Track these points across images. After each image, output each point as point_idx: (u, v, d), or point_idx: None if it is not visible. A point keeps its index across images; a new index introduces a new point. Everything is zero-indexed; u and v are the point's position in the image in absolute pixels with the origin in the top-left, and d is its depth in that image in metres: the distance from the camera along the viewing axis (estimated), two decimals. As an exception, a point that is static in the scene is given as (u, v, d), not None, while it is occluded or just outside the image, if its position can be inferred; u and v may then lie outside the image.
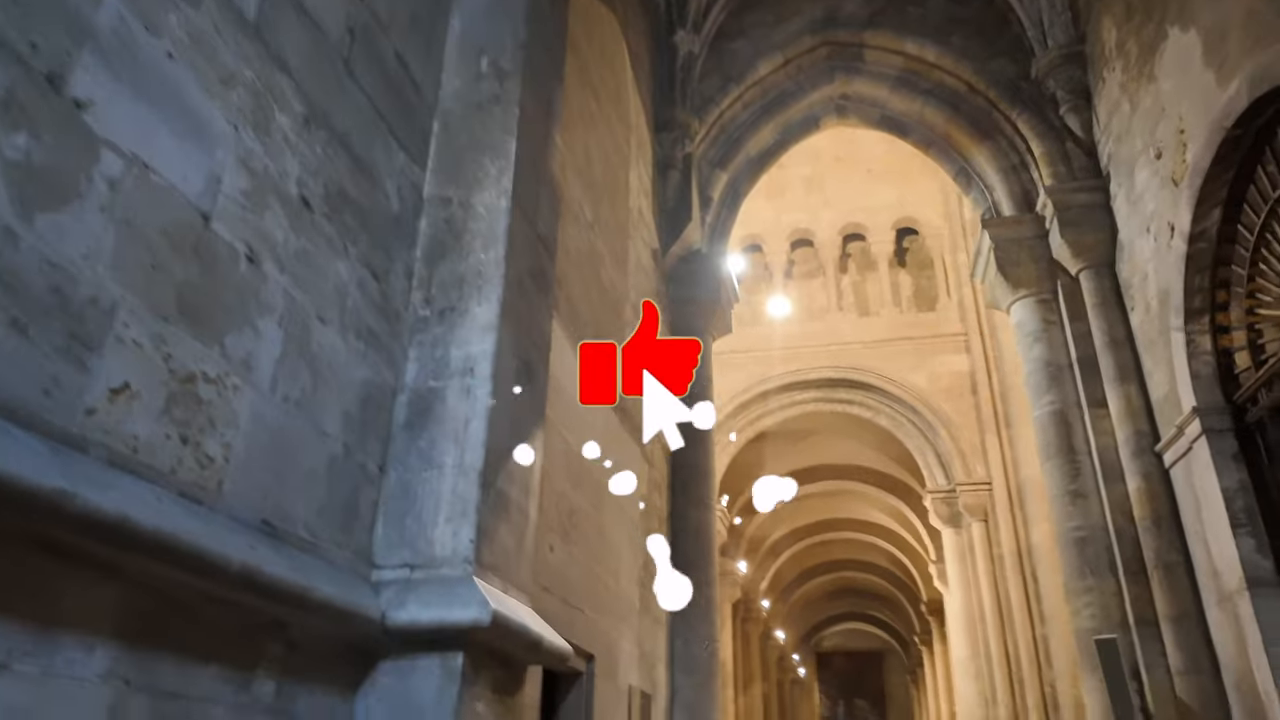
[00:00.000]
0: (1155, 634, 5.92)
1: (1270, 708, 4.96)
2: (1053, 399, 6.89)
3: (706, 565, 7.07)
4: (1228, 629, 5.41)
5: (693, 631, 6.73)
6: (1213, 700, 5.48)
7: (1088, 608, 6.29)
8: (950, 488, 14.24)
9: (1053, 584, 12.37)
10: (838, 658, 32.07)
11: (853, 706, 31.56)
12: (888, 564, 24.06)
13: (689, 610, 6.80)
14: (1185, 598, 5.77)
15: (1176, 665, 5.70)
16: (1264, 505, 5.26)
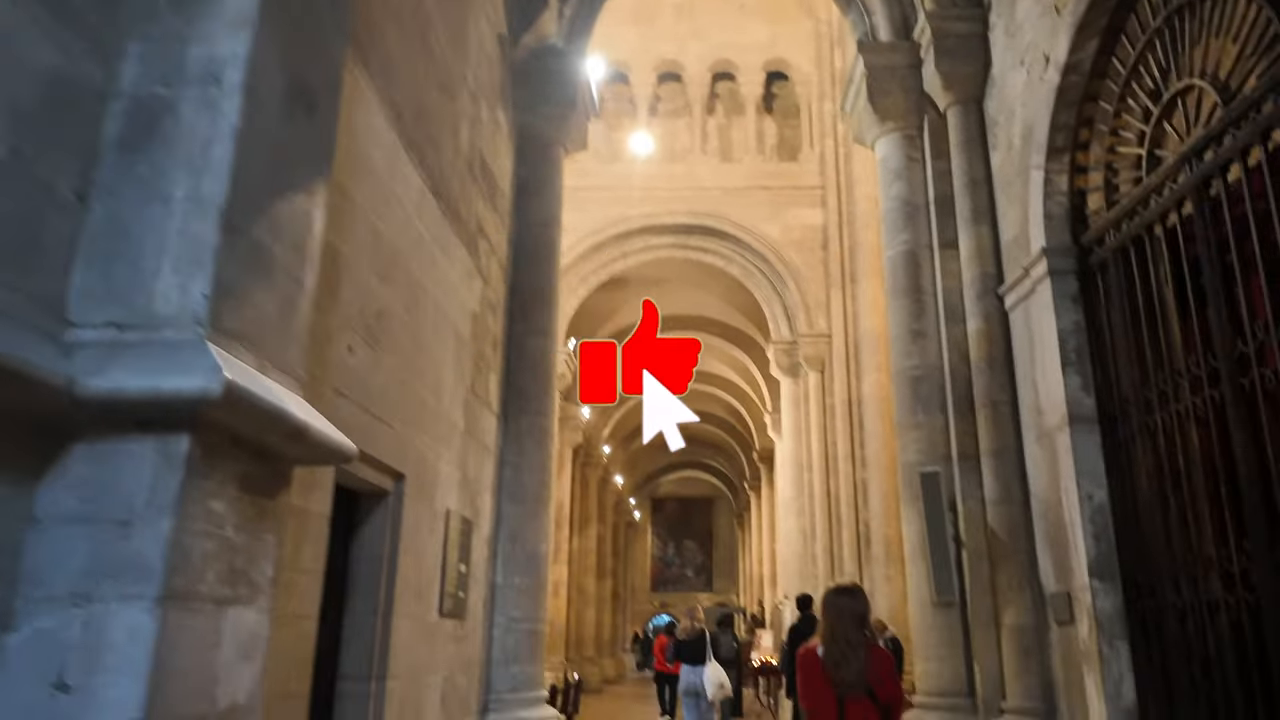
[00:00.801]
0: (975, 467, 6.07)
1: (1070, 532, 5.18)
2: (907, 238, 6.73)
3: (543, 395, 6.65)
4: (1043, 463, 5.58)
5: (524, 460, 6.36)
6: (1019, 528, 5.71)
7: (915, 443, 6.38)
8: (793, 339, 14.48)
9: (876, 431, 12.98)
10: (671, 503, 33.73)
11: (682, 547, 33.56)
12: (725, 414, 24.91)
13: (521, 439, 6.40)
14: (1007, 434, 5.91)
15: (991, 496, 5.89)
16: (1095, 345, 5.33)
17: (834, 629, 3.54)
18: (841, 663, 3.45)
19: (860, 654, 3.49)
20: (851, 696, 3.42)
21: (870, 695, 3.44)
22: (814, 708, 3.54)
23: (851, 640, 3.50)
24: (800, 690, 3.64)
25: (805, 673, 3.59)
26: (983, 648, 5.77)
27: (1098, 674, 4.86)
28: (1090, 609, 4.96)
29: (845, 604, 3.62)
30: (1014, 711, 5.46)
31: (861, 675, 3.45)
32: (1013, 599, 5.64)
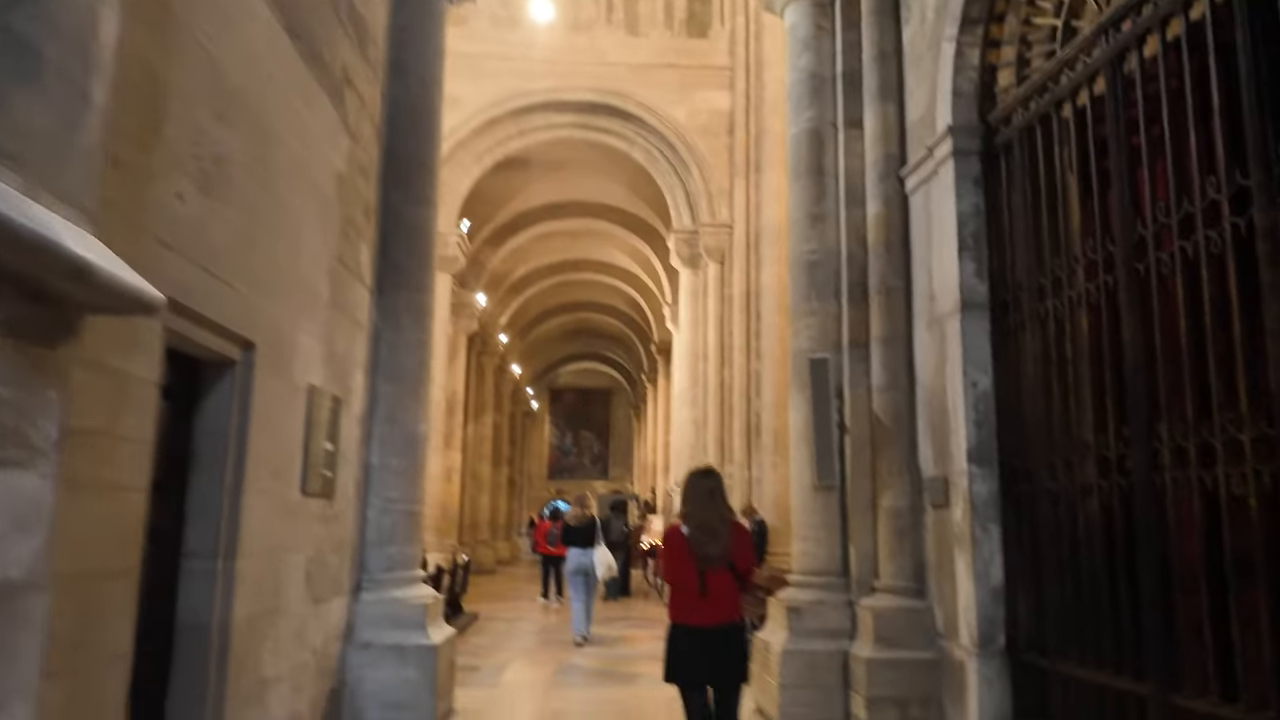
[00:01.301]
0: (864, 355, 6.03)
1: (953, 419, 5.21)
2: (811, 115, 6.43)
3: (422, 270, 6.18)
4: (932, 350, 5.56)
5: (401, 338, 5.94)
6: (903, 415, 5.73)
7: (808, 330, 6.28)
8: (694, 228, 14.23)
9: (773, 324, 13.02)
10: (570, 394, 33.80)
11: (580, 437, 33.86)
12: (625, 307, 24.77)
13: (398, 315, 5.97)
14: (899, 321, 5.85)
15: (878, 383, 5.87)
16: (993, 230, 5.24)
17: (699, 509, 3.77)
18: (707, 540, 3.68)
19: (725, 531, 3.75)
20: (713, 569, 3.67)
21: (730, 567, 3.72)
22: (677, 580, 3.75)
23: (716, 518, 3.73)
24: (664, 564, 3.80)
25: (670, 549, 3.79)
26: (859, 530, 5.87)
27: (969, 555, 4.98)
28: (966, 493, 5.04)
29: (707, 485, 3.86)
30: (885, 590, 5.60)
31: (725, 550, 3.71)
32: (892, 483, 5.71)
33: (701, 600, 3.69)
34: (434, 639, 5.49)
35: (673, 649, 3.80)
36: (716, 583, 3.70)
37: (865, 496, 5.87)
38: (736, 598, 3.81)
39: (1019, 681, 4.74)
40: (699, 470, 4.08)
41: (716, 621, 3.72)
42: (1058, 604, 4.50)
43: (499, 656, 9.07)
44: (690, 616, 3.74)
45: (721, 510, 3.82)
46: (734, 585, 3.77)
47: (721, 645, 3.73)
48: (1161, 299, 3.86)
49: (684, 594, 3.76)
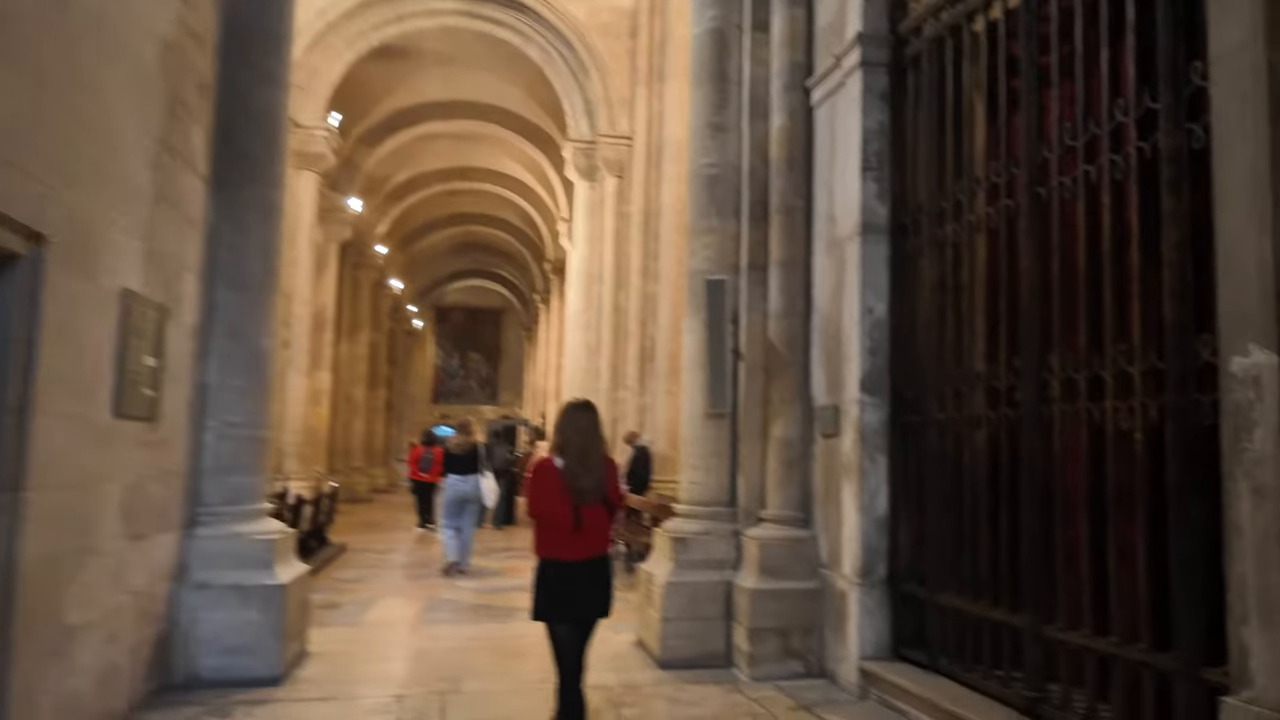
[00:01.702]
0: (762, 278, 5.73)
1: (847, 346, 5.00)
2: (715, 14, 5.94)
3: (272, 162, 5.43)
4: (829, 274, 5.30)
5: (246, 240, 5.22)
6: (798, 342, 5.51)
7: (705, 249, 5.92)
8: (592, 139, 13.56)
9: (671, 245, 12.63)
10: (458, 313, 32.65)
11: (467, 359, 32.92)
12: (519, 221, 23.84)
13: (242, 213, 5.25)
14: (799, 244, 5.56)
15: (775, 308, 5.60)
16: (897, 150, 4.97)
17: (575, 442, 3.63)
18: (582, 474, 3.57)
19: (599, 464, 3.63)
20: (587, 504, 3.58)
21: (604, 500, 3.64)
22: (547, 514, 3.61)
23: (592, 452, 3.62)
24: (533, 498, 3.69)
25: (541, 482, 3.64)
26: (749, 459, 5.67)
27: (856, 485, 4.84)
28: (857, 422, 4.87)
29: (584, 419, 3.70)
30: (772, 520, 5.45)
31: (600, 484, 3.60)
32: (783, 412, 5.50)
33: (575, 535, 3.58)
34: (281, 577, 5.00)
35: (543, 585, 3.67)
36: (590, 517, 3.61)
37: (757, 425, 5.65)
38: (607, 530, 3.73)
39: (899, 611, 4.68)
40: (576, 402, 3.91)
41: (587, 555, 3.63)
42: (940, 535, 4.42)
43: (365, 592, 8.63)
44: (562, 551, 3.62)
45: (597, 443, 3.69)
46: (606, 519, 3.69)
47: (591, 579, 3.65)
48: (1062, 226, 3.69)
49: (555, 529, 3.61)
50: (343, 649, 6.00)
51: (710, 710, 4.51)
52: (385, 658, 5.73)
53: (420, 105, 17.38)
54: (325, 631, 6.56)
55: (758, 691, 4.82)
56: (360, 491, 21.70)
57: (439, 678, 5.16)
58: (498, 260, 29.07)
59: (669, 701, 4.66)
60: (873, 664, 4.60)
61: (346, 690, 4.87)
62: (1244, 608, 2.30)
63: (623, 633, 6.59)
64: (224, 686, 4.71)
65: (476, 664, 5.50)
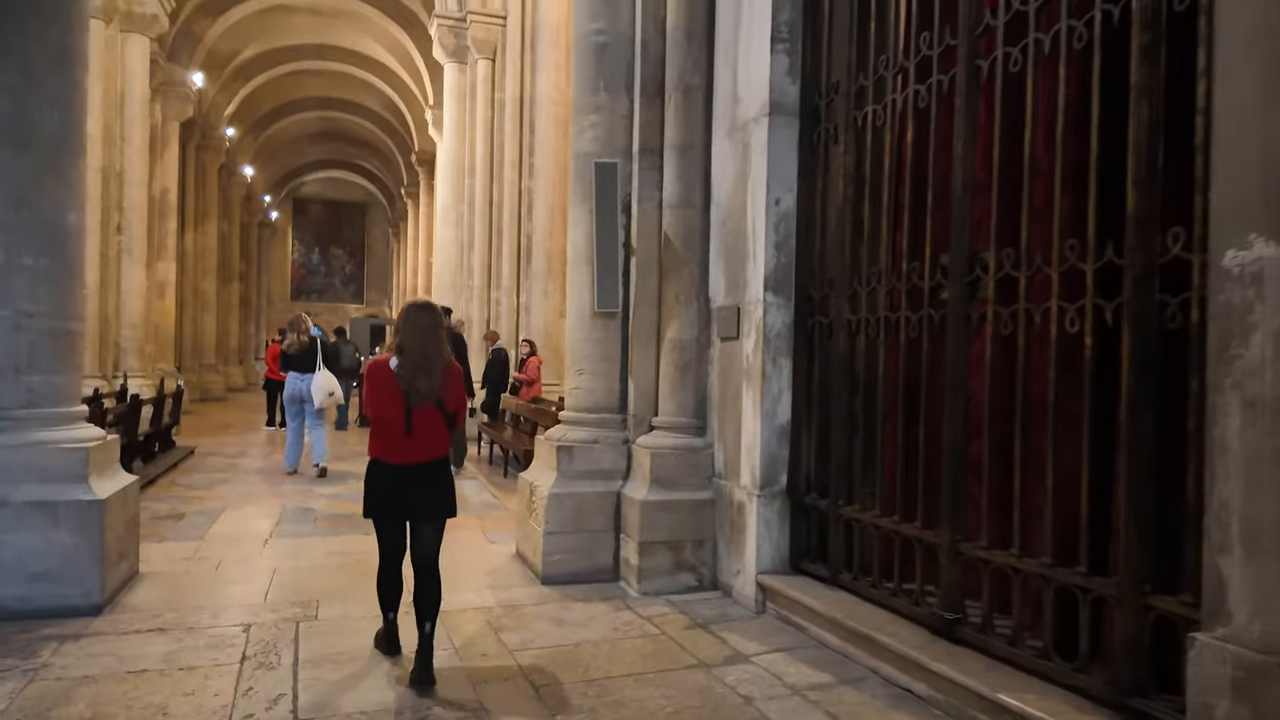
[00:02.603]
0: (657, 164, 5.19)
1: (750, 241, 4.59)
2: None
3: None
4: (732, 162, 4.82)
5: (32, 86, 4.20)
6: (696, 236, 5.05)
7: (593, 129, 5.29)
8: (462, 15, 12.34)
9: (548, 138, 11.78)
10: (317, 205, 30.35)
11: (329, 255, 30.86)
12: (383, 110, 22.02)
13: (25, 52, 4.22)
14: (697, 127, 5.04)
15: (670, 199, 5.10)
16: (812, 19, 4.46)
17: (413, 343, 3.51)
18: (417, 375, 3.48)
19: (437, 367, 3.53)
20: (421, 407, 3.50)
21: (439, 404, 3.54)
22: (381, 416, 3.55)
23: (429, 354, 3.51)
24: (367, 399, 3.63)
25: (375, 383, 3.54)
26: (641, 363, 5.25)
27: (757, 391, 4.52)
28: (760, 324, 4.50)
29: (423, 319, 3.58)
30: (665, 428, 5.09)
31: (435, 388, 3.52)
32: (679, 312, 5.08)
33: (406, 439, 3.52)
34: (100, 491, 4.25)
35: (371, 486, 3.62)
36: (423, 421, 3.52)
37: (649, 326, 5.21)
38: (443, 436, 3.64)
39: (799, 524, 4.46)
40: (416, 303, 3.75)
41: (420, 459, 3.56)
42: (846, 446, 4.16)
43: (213, 500, 7.83)
44: (392, 454, 3.56)
45: (436, 346, 3.55)
46: (442, 424, 3.59)
47: (421, 482, 3.58)
48: (1006, 104, 3.31)
49: (387, 431, 3.55)
50: (183, 569, 5.32)
51: (599, 631, 4.18)
52: (231, 578, 5.09)
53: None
54: (164, 548, 5.83)
55: (649, 608, 4.53)
56: (215, 390, 20.22)
57: (293, 601, 4.60)
58: (361, 151, 26.99)
59: (553, 623, 4.30)
60: (771, 578, 4.37)
61: (183, 619, 4.24)
62: (1225, 536, 2.06)
63: (500, 543, 6.19)
64: (31, 619, 4.01)
65: (336, 584, 4.95)
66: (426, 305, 3.71)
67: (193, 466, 9.98)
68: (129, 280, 12.89)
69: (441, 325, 3.60)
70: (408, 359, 3.50)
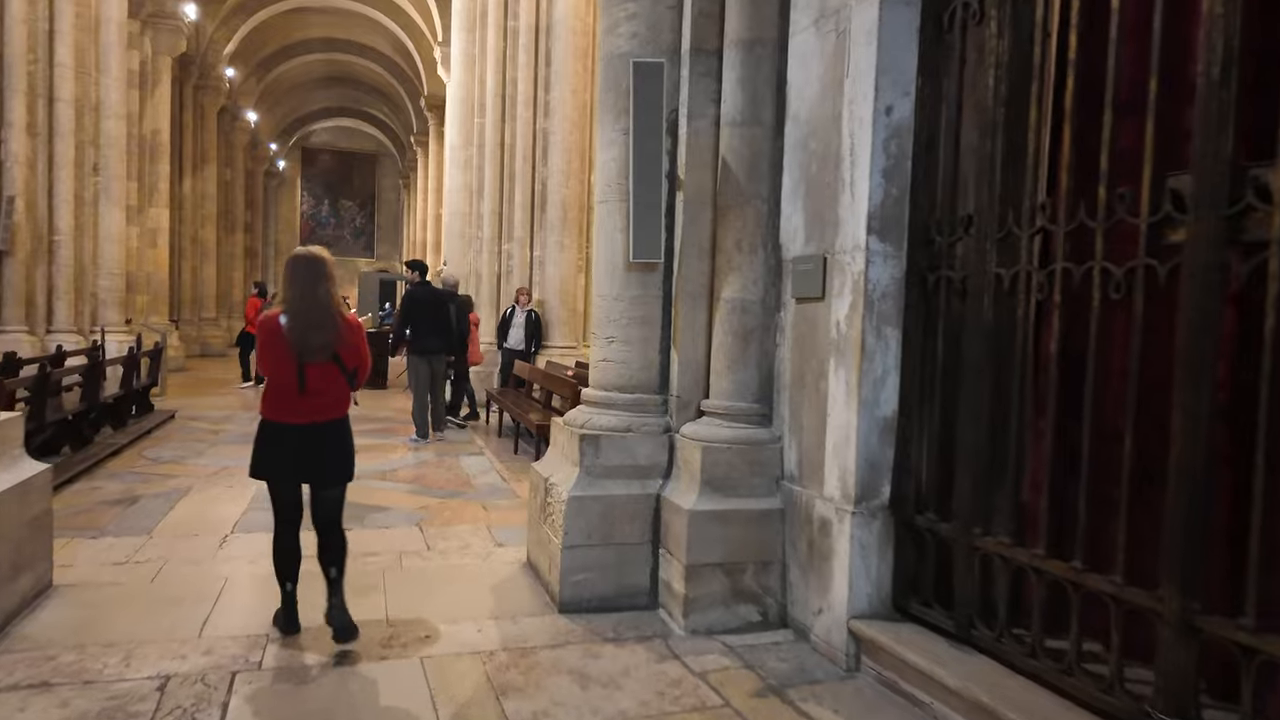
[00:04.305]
0: (713, 69, 3.96)
1: (846, 167, 3.36)
2: None
3: None
4: (819, 59, 3.57)
5: None
6: (764, 162, 3.83)
7: (630, 21, 4.04)
8: (473, -70, 10.96)
9: (566, 73, 10.48)
10: (326, 155, 29.02)
11: (339, 206, 29.60)
12: (391, 51, 20.61)
13: None
14: (770, 17, 3.79)
15: (731, 113, 3.87)
16: None
17: (300, 297, 3.36)
18: (308, 331, 3.35)
19: (330, 320, 3.39)
20: (314, 364, 3.37)
21: (336, 360, 3.42)
22: (272, 374, 3.42)
23: (320, 308, 3.37)
24: (259, 355, 3.49)
25: (264, 339, 3.41)
26: (688, 329, 4.06)
27: (852, 370, 3.32)
28: (859, 280, 3.29)
29: (308, 270, 3.40)
30: (719, 414, 3.92)
31: (329, 343, 3.38)
32: (740, 264, 3.88)
33: (300, 398, 3.38)
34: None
35: (261, 445, 3.45)
36: (318, 378, 3.39)
37: (700, 282, 4.02)
38: (342, 395, 3.50)
39: (906, 553, 3.29)
40: (302, 254, 3.52)
41: (315, 419, 3.41)
42: (985, 449, 2.98)
43: (179, 478, 6.79)
44: (284, 414, 3.40)
45: (327, 299, 3.39)
46: (340, 381, 3.46)
47: (322, 442, 3.44)
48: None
49: (279, 390, 3.40)
50: (111, 579, 4.28)
51: (637, 695, 3.05)
52: (169, 594, 4.02)
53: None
54: (99, 546, 4.80)
55: (702, 657, 3.40)
56: (216, 345, 19.25)
57: (237, 633, 3.53)
58: (370, 98, 25.59)
59: (576, 679, 3.18)
60: (869, 625, 3.22)
61: (83, 665, 3.18)
62: None
63: (508, 544, 5.10)
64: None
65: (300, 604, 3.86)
66: (311, 256, 3.47)
67: (167, 435, 8.95)
68: (107, 224, 11.78)
69: (326, 275, 3.39)
70: (295, 314, 3.33)
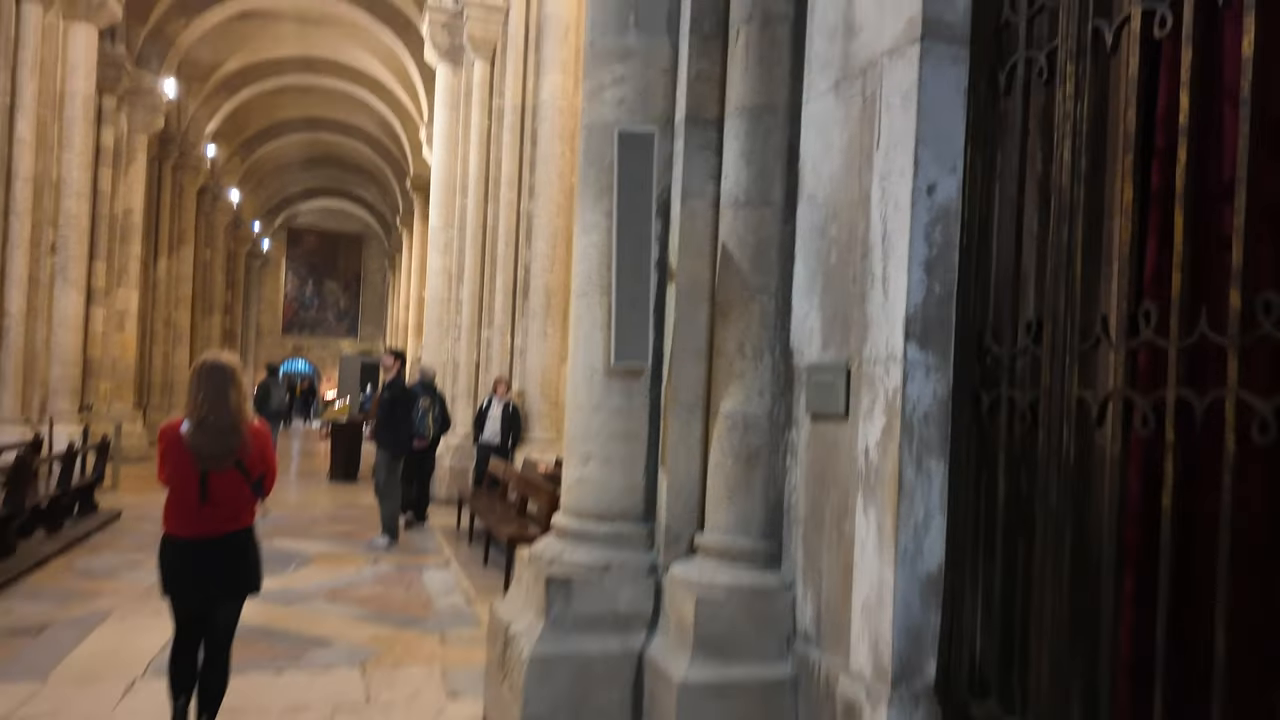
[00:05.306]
0: (713, 141, 3.37)
1: (878, 257, 2.72)
2: None
3: None
4: (842, 128, 2.98)
5: None
6: (774, 249, 3.20)
7: (616, 86, 3.47)
8: (458, 9, 10.68)
9: (552, 153, 10.03)
10: (312, 236, 28.70)
11: (323, 288, 29.11)
12: (378, 131, 20.44)
13: None
14: (780, 80, 3.22)
15: (733, 193, 3.26)
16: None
17: (206, 403, 3.27)
18: (211, 440, 3.27)
19: (235, 427, 3.32)
20: (217, 472, 3.29)
21: (240, 468, 3.35)
22: (173, 484, 3.33)
23: (225, 415, 3.29)
24: (159, 465, 3.41)
25: (164, 448, 3.33)
26: (679, 447, 3.36)
27: (887, 512, 2.61)
28: (896, 398, 2.61)
29: (217, 376, 3.34)
30: (716, 551, 3.18)
31: (233, 450, 3.31)
32: (742, 371, 3.20)
33: (201, 508, 3.27)
34: None
35: (164, 563, 3.34)
36: (221, 487, 3.30)
37: (694, 391, 3.34)
38: (246, 505, 3.42)
39: (964, 755, 2.51)
40: (210, 360, 3.43)
41: (216, 531, 3.32)
42: (1051, 616, 2.25)
43: (102, 599, 5.93)
44: (184, 527, 3.30)
45: (234, 406, 3.30)
46: (244, 491, 3.38)
47: (221, 556, 3.34)
48: None
49: (179, 501, 3.31)
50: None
51: None
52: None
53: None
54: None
55: None
56: (184, 435, 18.32)
57: None
58: (357, 179, 25.42)
59: None
60: None
61: None
62: None
63: (464, 694, 4.27)
64: None
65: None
66: (219, 362, 3.40)
67: (107, 540, 8.08)
68: (63, 307, 11.11)
69: (233, 382, 3.32)
70: (199, 421, 3.27)
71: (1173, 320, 2.07)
